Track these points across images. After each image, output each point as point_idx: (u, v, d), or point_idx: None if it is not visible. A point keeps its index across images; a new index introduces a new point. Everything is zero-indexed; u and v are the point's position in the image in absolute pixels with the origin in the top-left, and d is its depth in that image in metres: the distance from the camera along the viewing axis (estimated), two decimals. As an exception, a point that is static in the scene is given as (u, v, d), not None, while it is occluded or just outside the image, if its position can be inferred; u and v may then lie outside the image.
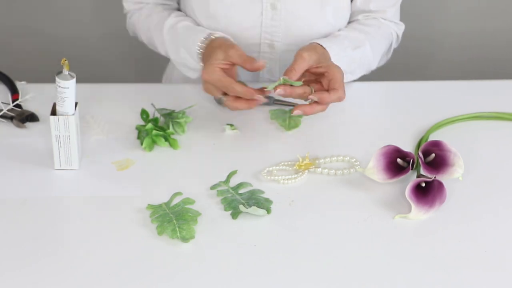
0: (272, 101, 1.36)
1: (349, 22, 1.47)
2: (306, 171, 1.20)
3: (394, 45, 1.50)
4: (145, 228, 1.09)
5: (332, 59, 1.28)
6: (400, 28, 1.50)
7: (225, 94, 1.24)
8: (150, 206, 1.12)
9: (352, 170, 1.20)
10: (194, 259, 1.04)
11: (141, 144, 1.25)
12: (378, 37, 1.42)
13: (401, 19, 1.52)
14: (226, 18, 1.39)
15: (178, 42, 1.37)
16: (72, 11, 2.20)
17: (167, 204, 1.13)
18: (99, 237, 1.07)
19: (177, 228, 1.07)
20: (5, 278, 1.00)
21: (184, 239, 1.06)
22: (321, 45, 1.29)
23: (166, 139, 1.25)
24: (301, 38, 1.41)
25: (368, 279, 1.01)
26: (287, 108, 1.34)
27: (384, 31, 1.44)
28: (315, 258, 1.04)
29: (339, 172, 1.20)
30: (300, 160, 1.21)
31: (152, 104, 1.35)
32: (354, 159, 1.22)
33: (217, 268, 1.02)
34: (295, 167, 1.20)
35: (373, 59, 1.41)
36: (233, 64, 1.25)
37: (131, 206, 1.13)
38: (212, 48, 1.28)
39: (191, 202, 1.13)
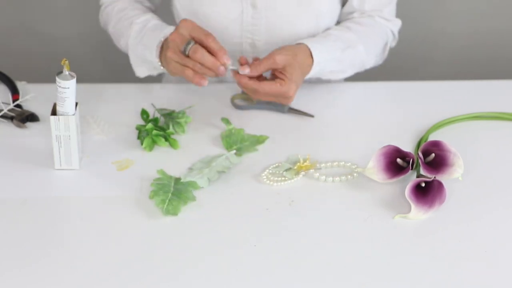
0: (286, 109, 1.35)
1: (344, 20, 1.47)
2: (304, 172, 1.20)
3: (392, 44, 1.50)
4: (145, 228, 1.09)
5: (315, 58, 1.30)
6: (396, 24, 1.49)
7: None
8: (161, 172, 1.17)
9: (350, 177, 1.19)
10: (194, 260, 1.04)
11: (141, 144, 1.25)
12: (372, 36, 1.42)
13: (401, 19, 1.51)
14: (207, 16, 1.40)
15: (141, 38, 1.36)
16: (72, 11, 2.20)
17: (177, 179, 1.16)
18: (99, 237, 1.07)
19: (167, 201, 1.11)
20: (5, 278, 1.00)
21: (167, 212, 1.10)
22: (307, 46, 1.31)
23: (166, 139, 1.25)
24: (283, 37, 1.42)
25: (368, 279, 1.01)
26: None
27: (379, 30, 1.44)
28: (315, 258, 1.04)
29: (336, 179, 1.19)
30: (301, 161, 1.21)
31: (152, 104, 1.35)
32: (355, 166, 1.21)
33: (217, 268, 1.02)
34: (295, 168, 1.20)
35: (367, 58, 1.41)
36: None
37: (131, 206, 1.13)
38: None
39: (196, 187, 1.15)
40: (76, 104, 1.17)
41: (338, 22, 1.48)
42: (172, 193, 1.13)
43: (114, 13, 1.44)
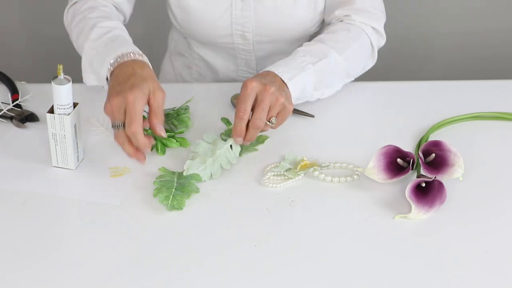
0: None
1: (328, 24, 1.44)
2: (303, 172, 1.19)
3: (380, 42, 1.43)
4: (144, 229, 1.09)
5: (288, 83, 1.24)
6: (378, 19, 1.40)
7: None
8: (163, 169, 1.18)
9: (350, 178, 1.19)
10: (194, 260, 1.03)
11: (150, 149, 1.24)
12: (346, 40, 1.35)
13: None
14: (196, 9, 1.41)
15: (97, 45, 1.26)
16: (72, 11, 2.20)
17: (179, 174, 1.17)
18: (96, 238, 1.07)
19: (171, 197, 1.12)
20: (6, 277, 1.00)
21: (172, 208, 1.10)
22: (273, 72, 1.24)
23: (176, 140, 1.25)
24: (273, 29, 1.42)
25: (368, 279, 1.01)
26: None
27: (353, 33, 1.37)
28: (315, 258, 1.04)
29: (335, 179, 1.18)
30: (302, 161, 1.20)
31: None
32: (355, 167, 1.20)
33: (217, 268, 1.02)
34: (296, 170, 1.20)
35: (348, 64, 1.34)
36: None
37: (130, 207, 1.12)
38: (146, 70, 1.19)
39: (199, 179, 1.16)
40: (76, 104, 1.17)
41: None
42: (176, 188, 1.13)
43: (82, 9, 1.36)
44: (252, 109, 1.20)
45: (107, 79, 1.22)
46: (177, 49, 1.61)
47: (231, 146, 1.22)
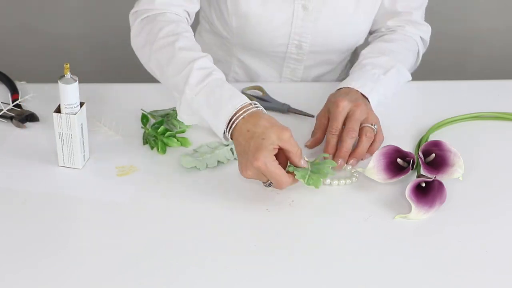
0: (286, 109, 1.35)
1: (373, 31, 1.48)
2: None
3: (422, 50, 1.49)
4: (144, 230, 1.09)
5: (368, 96, 1.28)
6: (427, 31, 1.48)
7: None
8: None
9: (349, 181, 1.19)
10: (194, 260, 1.03)
11: (151, 148, 1.24)
12: (405, 51, 1.41)
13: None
14: (257, 17, 1.39)
15: (202, 91, 1.18)
16: (72, 11, 2.20)
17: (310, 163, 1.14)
18: (98, 238, 1.07)
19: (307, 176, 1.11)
20: (6, 277, 1.00)
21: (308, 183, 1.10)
22: (357, 90, 1.28)
23: (177, 139, 1.25)
24: (330, 40, 1.42)
25: (368, 279, 1.01)
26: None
27: (410, 44, 1.44)
28: (315, 258, 1.04)
29: (335, 182, 1.18)
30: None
31: (141, 110, 1.34)
32: (354, 169, 1.21)
33: (217, 268, 1.02)
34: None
35: (407, 72, 1.40)
36: (280, 149, 1.10)
37: (132, 207, 1.12)
38: (258, 124, 1.11)
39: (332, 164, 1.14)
40: (82, 104, 1.17)
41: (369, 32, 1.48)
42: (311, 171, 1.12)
43: (161, 34, 1.26)
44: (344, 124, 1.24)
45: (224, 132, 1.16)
46: (212, 55, 1.54)
47: (231, 149, 1.23)
